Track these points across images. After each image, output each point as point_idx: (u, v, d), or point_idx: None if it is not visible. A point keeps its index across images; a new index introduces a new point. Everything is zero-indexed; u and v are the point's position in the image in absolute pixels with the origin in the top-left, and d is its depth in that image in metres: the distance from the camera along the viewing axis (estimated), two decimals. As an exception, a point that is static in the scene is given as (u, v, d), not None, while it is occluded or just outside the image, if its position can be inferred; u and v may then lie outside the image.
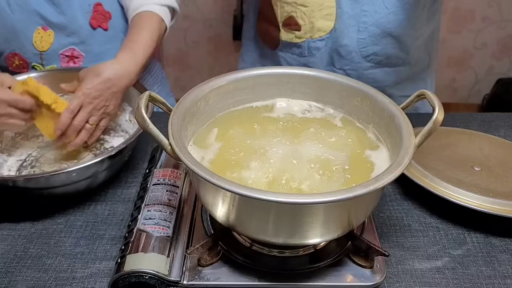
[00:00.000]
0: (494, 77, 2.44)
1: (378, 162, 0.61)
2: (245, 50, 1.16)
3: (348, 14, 0.91)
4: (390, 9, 0.89)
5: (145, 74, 1.11)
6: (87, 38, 0.95)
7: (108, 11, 0.95)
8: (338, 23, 0.92)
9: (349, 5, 0.90)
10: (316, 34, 0.94)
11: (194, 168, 0.49)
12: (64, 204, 0.73)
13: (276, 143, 0.64)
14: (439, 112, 0.55)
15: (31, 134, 0.87)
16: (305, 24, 0.93)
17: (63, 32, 0.92)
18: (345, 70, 0.98)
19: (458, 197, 0.69)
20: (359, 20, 0.91)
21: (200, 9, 2.30)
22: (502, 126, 0.97)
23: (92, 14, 0.93)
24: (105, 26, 0.96)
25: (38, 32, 0.91)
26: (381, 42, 0.93)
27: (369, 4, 0.90)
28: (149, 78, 1.13)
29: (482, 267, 0.64)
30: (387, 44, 0.94)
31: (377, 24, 0.91)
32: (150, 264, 0.56)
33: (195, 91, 0.64)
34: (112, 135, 0.90)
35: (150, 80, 1.13)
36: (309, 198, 0.48)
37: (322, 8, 0.91)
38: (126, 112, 0.89)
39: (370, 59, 0.95)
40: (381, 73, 0.98)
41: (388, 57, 0.96)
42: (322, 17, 0.92)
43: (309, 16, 0.92)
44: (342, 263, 0.60)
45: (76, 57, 0.95)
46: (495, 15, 2.25)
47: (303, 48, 0.97)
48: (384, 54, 0.95)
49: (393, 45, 0.94)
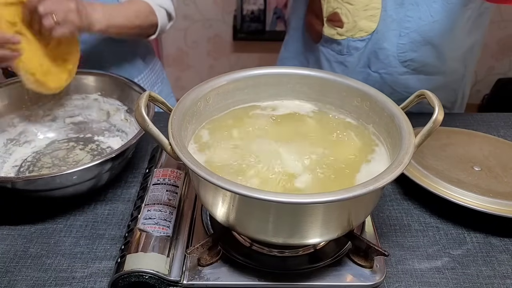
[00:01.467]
0: (494, 77, 2.44)
1: (377, 162, 0.61)
2: (290, 39, 1.16)
3: (392, 18, 0.90)
4: (435, 18, 0.89)
5: (147, 73, 1.12)
6: (88, 38, 0.94)
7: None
8: (380, 25, 0.92)
9: (394, 9, 0.89)
10: (357, 34, 0.94)
11: (194, 168, 0.49)
12: (64, 204, 0.73)
13: (276, 143, 0.64)
14: (439, 112, 0.55)
15: (22, 140, 0.86)
16: (348, 22, 0.93)
17: None
18: (380, 74, 0.97)
19: (458, 197, 0.69)
20: (402, 25, 0.90)
21: (200, 9, 2.30)
22: (502, 126, 0.97)
23: None
24: None
25: None
26: (420, 49, 0.93)
27: (414, 10, 0.89)
28: (151, 76, 1.13)
29: (482, 267, 0.64)
30: (426, 52, 0.93)
31: (419, 31, 0.90)
32: (150, 264, 0.56)
33: (195, 91, 0.64)
34: (107, 135, 0.90)
35: (151, 79, 1.13)
36: (309, 198, 0.48)
37: (368, 8, 0.90)
38: (121, 112, 0.89)
39: (407, 65, 0.95)
40: (414, 80, 0.97)
41: (425, 65, 0.95)
42: (366, 18, 0.91)
43: (353, 15, 0.92)
44: (342, 263, 0.60)
45: None
46: (495, 15, 2.25)
47: (342, 46, 0.97)
48: (422, 62, 0.94)
49: (431, 53, 0.94)
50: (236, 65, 2.46)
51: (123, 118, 0.89)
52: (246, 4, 2.28)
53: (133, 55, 1.07)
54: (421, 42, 0.92)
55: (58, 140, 0.89)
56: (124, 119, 0.89)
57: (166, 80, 1.22)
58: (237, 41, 2.39)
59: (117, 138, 0.89)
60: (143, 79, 1.10)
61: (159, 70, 1.18)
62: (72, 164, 0.83)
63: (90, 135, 0.90)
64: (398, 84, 0.96)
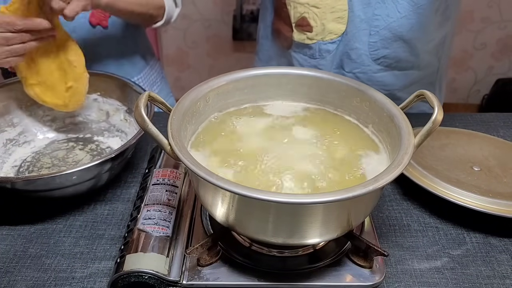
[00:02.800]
0: (493, 77, 2.44)
1: (375, 162, 0.61)
2: (261, 48, 1.16)
3: (360, 18, 0.91)
4: (402, 13, 0.89)
5: (147, 72, 1.11)
6: (87, 36, 0.94)
7: None
8: (349, 26, 0.92)
9: (362, 9, 0.90)
10: (327, 37, 0.95)
11: (194, 168, 0.49)
12: (63, 204, 0.73)
13: (276, 143, 0.64)
14: (439, 112, 0.55)
15: (22, 140, 0.86)
16: (316, 26, 0.94)
17: None
18: (355, 73, 0.98)
19: (458, 197, 0.69)
20: (371, 24, 0.91)
21: (200, 9, 2.30)
22: (501, 126, 0.97)
23: (91, 12, 0.93)
24: (105, 24, 0.95)
25: None
26: (392, 45, 0.93)
27: (381, 8, 0.89)
28: (151, 75, 1.13)
29: (481, 267, 0.64)
30: (398, 48, 0.94)
31: (389, 28, 0.91)
32: (150, 264, 0.56)
33: (194, 91, 0.64)
34: (106, 135, 0.90)
35: (151, 78, 1.13)
36: (309, 198, 0.48)
37: (334, 10, 0.91)
38: (121, 112, 0.89)
39: (380, 62, 0.96)
40: (390, 76, 0.98)
41: (398, 61, 0.96)
42: (334, 20, 0.92)
43: (321, 18, 0.92)
44: (342, 263, 0.60)
45: None
46: (494, 16, 2.25)
47: (314, 50, 0.97)
48: (394, 57, 0.95)
49: (403, 49, 0.94)
50: (236, 65, 2.46)
51: (123, 118, 0.89)
52: (246, 4, 2.28)
53: (133, 53, 1.07)
54: (391, 38, 0.92)
55: (58, 140, 0.89)
56: (124, 119, 0.89)
57: (165, 79, 1.22)
58: (237, 41, 2.39)
59: (117, 138, 0.89)
60: (142, 78, 1.10)
61: (158, 69, 1.18)
62: (71, 164, 0.83)
63: (90, 135, 0.90)
64: (374, 82, 0.97)
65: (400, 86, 1.00)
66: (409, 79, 0.99)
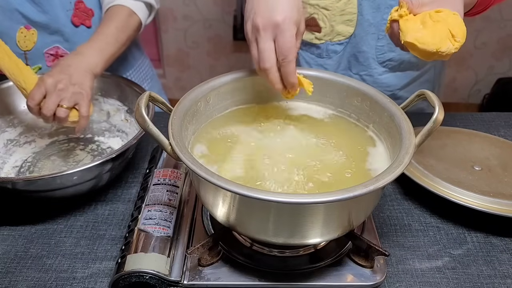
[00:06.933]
0: (494, 77, 2.44)
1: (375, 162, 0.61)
2: None
3: (369, 22, 0.92)
4: None
5: (136, 69, 1.10)
6: (71, 36, 0.94)
7: (91, 8, 0.94)
8: (358, 29, 0.93)
9: (371, 13, 0.91)
10: (335, 38, 0.95)
11: (194, 168, 0.49)
12: (64, 205, 0.73)
13: (276, 143, 0.64)
14: (439, 112, 0.55)
15: (23, 140, 0.86)
16: (325, 27, 0.94)
17: (46, 30, 0.91)
18: (361, 76, 0.99)
19: (459, 197, 0.69)
20: (380, 29, 0.92)
21: (200, 9, 2.30)
22: (502, 126, 0.97)
23: (74, 12, 0.92)
24: (88, 24, 0.95)
25: (21, 31, 0.90)
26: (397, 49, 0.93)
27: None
28: (140, 73, 1.11)
29: (483, 267, 0.64)
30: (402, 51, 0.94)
31: None
32: (151, 264, 0.56)
33: (195, 91, 0.64)
34: (107, 136, 0.90)
35: (140, 76, 1.11)
36: (309, 198, 0.48)
37: (344, 13, 0.92)
38: (121, 112, 0.89)
39: (385, 65, 0.97)
40: (392, 77, 0.99)
41: (402, 62, 0.97)
42: (343, 22, 0.93)
43: (330, 20, 0.93)
44: (343, 263, 0.60)
45: (61, 55, 0.94)
46: (495, 15, 2.25)
47: (321, 50, 0.98)
48: (399, 60, 0.96)
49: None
50: (236, 65, 2.46)
51: (123, 118, 0.89)
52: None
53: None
54: None
55: (59, 140, 0.89)
56: (124, 119, 0.89)
57: (155, 77, 1.20)
58: (237, 41, 2.39)
59: (118, 138, 0.89)
60: (131, 75, 1.08)
61: (148, 67, 1.16)
62: (72, 165, 0.83)
63: (91, 135, 0.90)
64: (379, 84, 0.98)
65: (401, 85, 1.01)
66: (408, 78, 1.00)
